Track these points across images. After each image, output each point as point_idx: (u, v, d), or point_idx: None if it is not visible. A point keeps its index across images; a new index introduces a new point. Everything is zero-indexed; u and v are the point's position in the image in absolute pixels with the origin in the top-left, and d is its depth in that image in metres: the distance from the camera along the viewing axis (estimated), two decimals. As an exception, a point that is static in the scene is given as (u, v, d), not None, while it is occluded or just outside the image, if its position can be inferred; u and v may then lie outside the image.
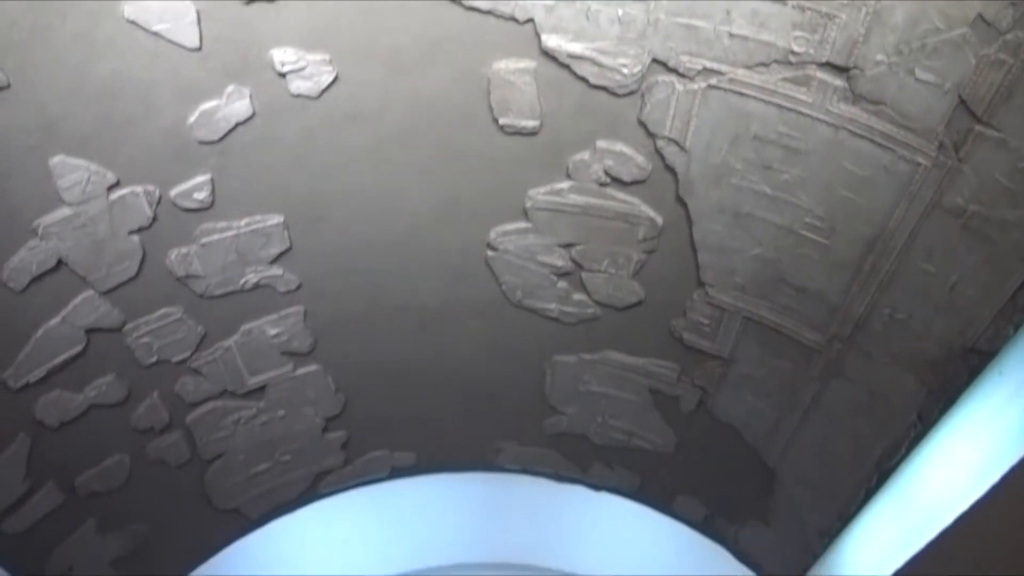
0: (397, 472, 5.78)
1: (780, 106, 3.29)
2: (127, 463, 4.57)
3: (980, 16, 2.71)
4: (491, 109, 3.61)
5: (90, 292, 3.79)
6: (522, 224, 4.14)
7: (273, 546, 6.11)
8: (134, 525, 4.91)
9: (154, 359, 4.22)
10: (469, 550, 7.32)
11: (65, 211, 3.47)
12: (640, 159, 3.72)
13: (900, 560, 3.87)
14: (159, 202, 3.65)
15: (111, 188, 3.50)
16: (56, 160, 3.31)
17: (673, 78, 3.35)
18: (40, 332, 3.77)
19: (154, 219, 3.69)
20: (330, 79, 3.44)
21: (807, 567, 5.18)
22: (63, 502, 4.37)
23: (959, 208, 3.13)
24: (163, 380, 4.38)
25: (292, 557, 6.49)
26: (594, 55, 3.36)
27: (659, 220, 3.94)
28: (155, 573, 5.33)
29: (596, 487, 5.90)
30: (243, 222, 3.91)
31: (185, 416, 4.62)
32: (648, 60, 3.32)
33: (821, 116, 3.24)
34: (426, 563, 7.36)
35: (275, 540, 6.03)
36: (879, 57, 2.97)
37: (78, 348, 3.93)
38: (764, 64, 3.19)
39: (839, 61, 3.05)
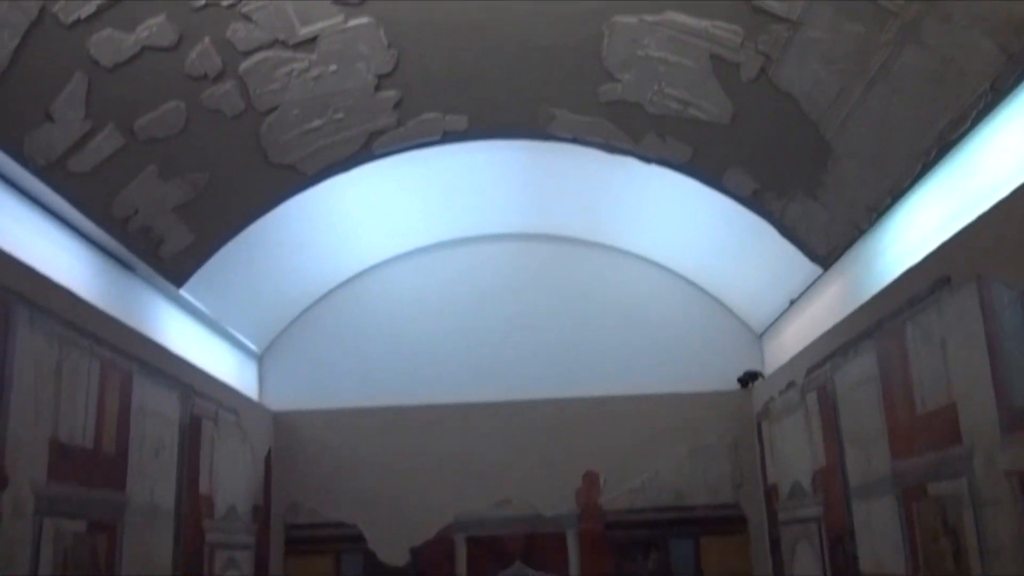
0: (450, 136, 5.78)
1: None
2: (183, 110, 4.61)
3: None
4: None
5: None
6: None
7: (327, 204, 6.30)
8: (194, 174, 5.05)
9: (203, 2, 4.12)
10: (517, 220, 7.51)
11: None
12: None
13: (948, 235, 3.88)
14: None
15: None
16: None
17: None
18: (88, -34, 3.68)
19: None
20: None
21: (851, 242, 5.25)
22: (124, 145, 4.46)
23: None
24: (214, 25, 4.31)
25: (345, 216, 6.72)
26: None
27: None
28: (215, 223, 5.55)
29: (647, 159, 5.88)
30: None
31: (238, 65, 4.58)
32: None
33: None
34: (474, 231, 7.59)
35: (329, 198, 6.21)
36: None
37: (127, -15, 3.85)
38: None
39: None
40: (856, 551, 4.99)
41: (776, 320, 7.02)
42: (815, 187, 5.10)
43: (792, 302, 6.50)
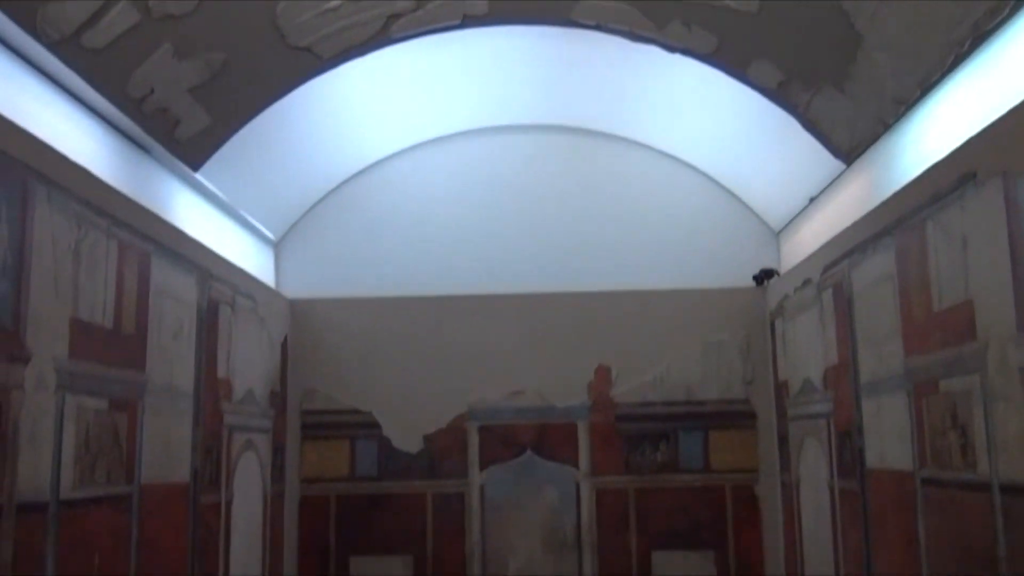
0: (470, 20, 5.64)
1: None
2: (198, -14, 4.52)
3: None
4: None
5: None
6: None
7: (344, 92, 6.22)
8: (210, 54, 4.96)
9: None
10: (536, 111, 7.40)
11: None
12: None
13: (976, 130, 3.80)
14: None
15: None
16: None
17: None
18: None
19: None
20: None
21: (876, 137, 5.16)
22: (138, 22, 4.38)
23: None
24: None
25: (362, 105, 6.63)
26: None
27: None
28: (232, 105, 5.49)
29: (671, 49, 5.74)
30: None
31: (253, -59, 4.47)
32: None
33: None
34: (493, 122, 7.50)
35: (346, 86, 6.12)
36: None
37: None
38: None
39: None
40: (863, 446, 5.06)
41: (794, 218, 6.97)
42: (843, 79, 4.99)
43: (812, 199, 6.44)
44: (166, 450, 4.71)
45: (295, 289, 7.35)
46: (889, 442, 4.68)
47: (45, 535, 3.55)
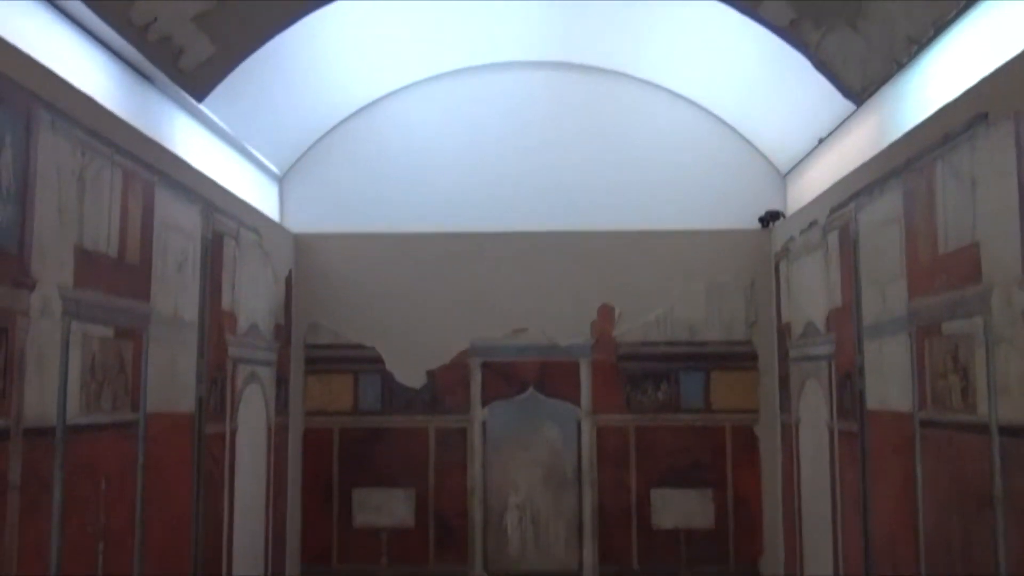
0: (477, -48, 5.55)
1: None
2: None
3: None
4: None
5: None
6: None
7: (350, 22, 6.13)
8: (213, -19, 4.90)
9: None
10: (543, 48, 7.32)
11: None
12: None
13: (989, 69, 3.75)
14: None
15: None
16: None
17: None
18: None
19: None
20: None
21: (888, 77, 5.10)
22: (141, -52, 4.32)
23: None
24: None
25: (367, 39, 6.55)
26: None
27: None
28: (236, 35, 5.42)
29: (681, -16, 5.66)
30: None
31: None
32: None
33: None
34: (499, 58, 7.42)
35: (352, 15, 6.03)
36: None
37: None
38: None
39: None
40: (864, 388, 5.08)
41: (802, 160, 6.92)
42: (856, 17, 4.91)
43: (820, 140, 6.39)
44: (171, 380, 4.74)
45: (299, 224, 7.35)
46: (890, 384, 4.71)
47: (52, 459, 3.59)
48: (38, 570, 3.48)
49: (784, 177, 7.42)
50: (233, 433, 5.68)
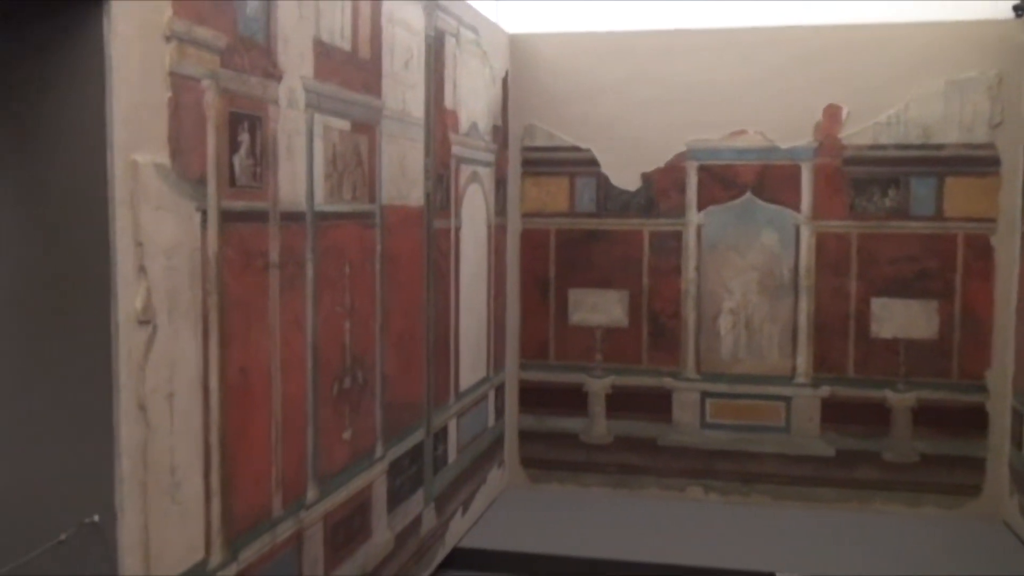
0: None
1: None
2: None
3: None
4: None
5: None
6: None
7: None
8: None
9: None
10: None
11: None
12: None
13: None
14: None
15: None
16: None
17: None
18: None
19: None
20: None
21: None
22: None
23: None
24: None
25: None
26: None
27: None
28: None
29: None
30: None
31: None
32: None
33: None
34: None
35: None
36: None
37: None
38: None
39: None
40: None
41: (1072, -64, 6.13)
42: None
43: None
44: (402, 174, 4.93)
45: (515, 24, 7.27)
46: None
47: (304, 242, 3.86)
48: (298, 340, 3.81)
49: (1047, -42, 6.62)
50: (457, 229, 5.90)
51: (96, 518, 2.69)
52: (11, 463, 2.82)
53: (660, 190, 7.07)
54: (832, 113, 6.81)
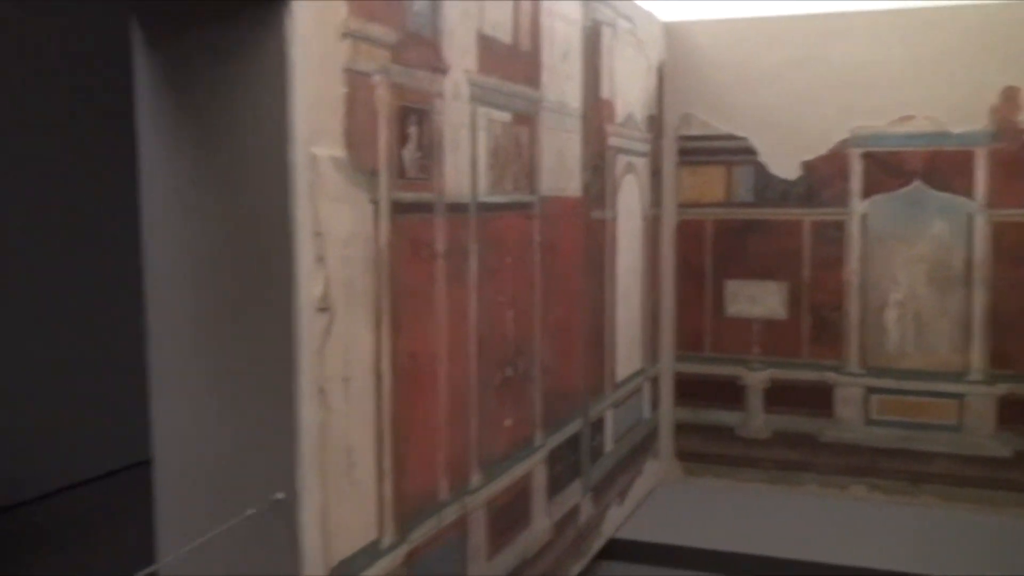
0: None
1: None
2: None
3: None
4: None
5: None
6: None
7: None
8: None
9: None
10: None
11: None
12: None
13: None
14: None
15: None
16: None
17: None
18: None
19: None
20: None
21: None
22: None
23: None
24: None
25: None
26: None
27: None
28: None
29: None
30: None
31: None
32: None
33: None
34: None
35: None
36: None
37: None
38: None
39: None
40: None
41: None
42: None
43: None
44: (561, 165, 4.96)
45: (671, 12, 7.18)
46: None
47: (468, 232, 3.94)
48: (463, 328, 3.90)
49: None
50: (613, 220, 5.89)
51: (282, 495, 2.82)
52: (202, 442, 2.99)
53: (821, 179, 6.85)
54: (1010, 95, 6.44)
